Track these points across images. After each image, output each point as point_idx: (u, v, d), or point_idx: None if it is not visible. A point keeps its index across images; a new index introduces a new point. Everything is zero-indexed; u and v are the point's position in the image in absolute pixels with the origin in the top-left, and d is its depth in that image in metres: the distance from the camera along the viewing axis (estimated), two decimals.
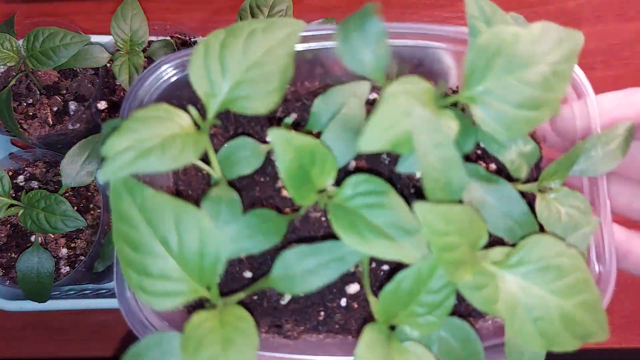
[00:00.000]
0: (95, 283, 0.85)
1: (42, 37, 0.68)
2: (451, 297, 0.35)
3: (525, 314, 0.35)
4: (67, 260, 0.72)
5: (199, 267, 0.34)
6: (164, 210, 0.34)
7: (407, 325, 0.36)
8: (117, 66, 0.68)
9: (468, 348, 0.38)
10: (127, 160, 0.32)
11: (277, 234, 0.38)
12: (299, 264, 0.37)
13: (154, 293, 0.34)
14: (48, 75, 0.77)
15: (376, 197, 0.36)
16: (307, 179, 0.36)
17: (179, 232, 0.34)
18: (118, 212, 0.34)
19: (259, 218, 0.38)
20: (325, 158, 0.36)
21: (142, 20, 0.70)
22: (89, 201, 0.73)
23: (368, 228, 0.34)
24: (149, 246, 0.34)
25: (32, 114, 0.75)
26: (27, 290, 0.64)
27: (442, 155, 0.34)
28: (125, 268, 0.34)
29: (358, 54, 0.37)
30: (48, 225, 0.61)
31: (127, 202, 0.34)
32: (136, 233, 0.34)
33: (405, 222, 0.35)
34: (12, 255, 0.72)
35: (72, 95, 0.76)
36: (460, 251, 0.33)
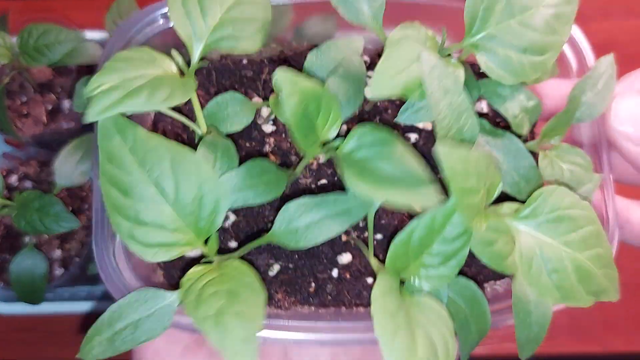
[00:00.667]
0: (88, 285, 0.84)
1: (36, 34, 0.67)
2: (466, 247, 0.33)
3: (540, 265, 0.34)
4: (61, 261, 0.71)
5: (197, 217, 0.32)
6: (159, 153, 0.32)
7: (418, 278, 0.34)
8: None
9: (475, 309, 0.38)
10: (114, 99, 0.31)
11: (278, 186, 0.37)
12: (303, 216, 0.35)
13: (147, 244, 0.32)
14: (42, 73, 0.76)
15: (383, 147, 0.34)
16: (312, 127, 0.34)
17: (176, 177, 0.32)
18: (106, 152, 0.31)
19: (259, 168, 0.37)
20: (330, 105, 0.34)
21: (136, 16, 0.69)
22: (83, 201, 0.73)
23: (378, 178, 0.32)
24: (142, 191, 0.32)
25: (26, 112, 0.74)
26: (20, 292, 0.63)
27: (452, 102, 0.33)
28: (113, 215, 0.31)
29: (355, 3, 0.37)
30: (42, 226, 0.60)
31: (117, 142, 0.31)
32: (127, 176, 0.32)
33: (415, 171, 0.33)
34: (5, 256, 0.71)
35: (66, 93, 0.76)
36: (480, 196, 0.32)
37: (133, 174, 0.31)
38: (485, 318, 0.38)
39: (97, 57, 0.69)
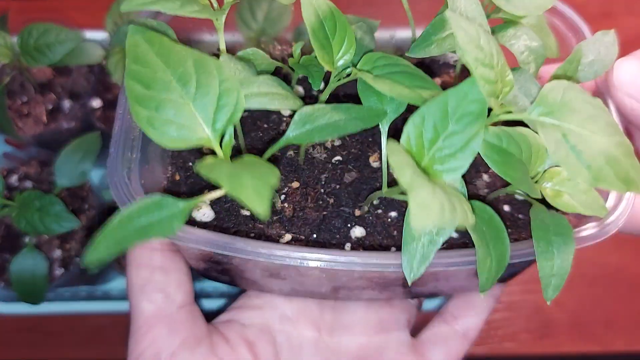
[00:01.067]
0: (88, 285, 0.84)
1: (36, 34, 0.67)
2: (480, 134, 0.33)
3: (567, 149, 0.33)
4: (62, 261, 0.71)
5: (215, 114, 0.34)
6: (183, 55, 0.34)
7: (433, 170, 0.34)
8: (111, 63, 0.67)
9: (493, 233, 0.38)
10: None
11: (293, 100, 0.39)
12: (318, 119, 0.37)
13: (164, 132, 0.33)
14: (43, 73, 0.76)
15: (395, 67, 0.38)
16: (328, 43, 0.37)
17: (198, 76, 0.34)
18: (133, 54, 0.33)
19: (277, 82, 0.39)
20: (346, 29, 0.38)
21: (137, 16, 0.69)
22: (83, 202, 0.73)
23: (392, 84, 0.36)
24: (165, 86, 0.33)
25: (27, 112, 0.74)
26: (21, 292, 0.63)
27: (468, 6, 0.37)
28: (134, 106, 0.33)
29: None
30: (42, 226, 0.60)
31: (144, 46, 0.33)
32: (152, 73, 0.33)
33: (426, 82, 0.37)
34: (6, 256, 0.71)
35: (66, 93, 0.76)
36: (494, 72, 0.32)
37: (157, 72, 0.33)
38: (504, 244, 0.38)
39: (97, 56, 0.69)
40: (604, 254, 0.92)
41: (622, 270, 0.92)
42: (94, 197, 0.73)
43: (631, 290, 0.90)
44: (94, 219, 0.72)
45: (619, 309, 0.90)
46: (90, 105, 0.74)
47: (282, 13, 0.66)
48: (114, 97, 0.75)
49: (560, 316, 0.88)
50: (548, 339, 0.87)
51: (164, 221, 0.32)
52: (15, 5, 0.76)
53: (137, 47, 0.33)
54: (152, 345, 0.46)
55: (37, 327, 0.87)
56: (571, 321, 0.88)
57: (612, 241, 0.72)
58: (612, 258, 0.92)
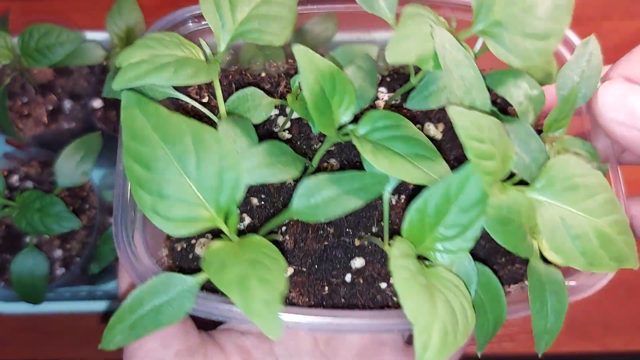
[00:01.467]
0: (89, 285, 0.84)
1: (37, 35, 0.67)
2: (482, 217, 0.33)
3: (564, 232, 0.35)
4: (62, 261, 0.71)
5: (217, 192, 0.33)
6: (180, 129, 0.33)
7: (435, 252, 0.35)
8: (112, 64, 0.68)
9: (491, 295, 0.38)
10: (142, 71, 0.33)
11: (296, 167, 0.38)
12: (322, 192, 0.36)
13: (169, 217, 0.32)
14: (43, 74, 0.76)
15: (395, 131, 0.36)
16: (327, 106, 0.36)
17: (197, 152, 0.33)
18: (130, 129, 0.32)
19: (278, 149, 0.38)
20: (345, 87, 0.36)
21: (138, 16, 0.69)
22: (84, 202, 0.73)
23: (393, 155, 0.35)
24: (164, 166, 0.33)
25: (27, 112, 0.75)
26: (21, 292, 0.64)
27: (464, 75, 0.35)
28: (136, 189, 0.32)
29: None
30: (42, 226, 0.61)
31: (140, 120, 0.32)
32: (150, 151, 0.32)
33: (426, 150, 0.36)
34: (6, 256, 0.72)
35: (67, 94, 0.76)
36: (495, 162, 0.33)
37: (156, 150, 0.32)
38: (502, 305, 0.38)
39: (98, 57, 0.69)
40: None
41: (620, 272, 0.91)
42: (94, 197, 0.73)
43: (629, 292, 0.90)
44: (95, 218, 0.72)
45: (618, 310, 0.90)
46: (91, 105, 0.75)
47: None
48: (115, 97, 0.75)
49: None
50: None
51: (175, 301, 0.33)
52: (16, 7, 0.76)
53: (133, 121, 0.32)
54: (145, 358, 0.47)
55: (37, 327, 0.87)
56: (570, 322, 0.87)
57: None
58: None
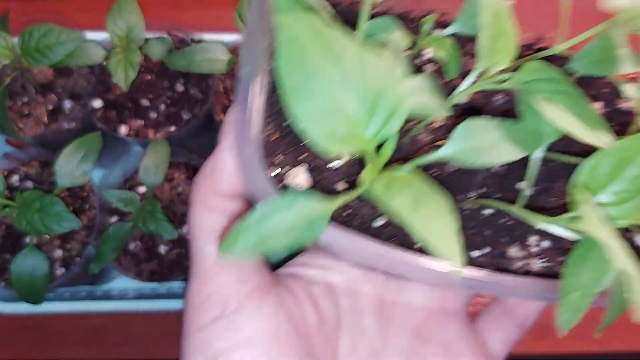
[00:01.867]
0: (89, 285, 0.84)
1: (37, 35, 0.67)
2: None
3: None
4: (62, 261, 0.71)
5: (375, 116, 0.31)
6: (340, 45, 0.30)
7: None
8: (112, 64, 0.67)
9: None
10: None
11: (445, 106, 0.36)
12: (482, 136, 0.35)
13: (325, 134, 0.30)
14: (43, 74, 0.76)
15: (559, 85, 0.35)
16: (502, 32, 0.35)
17: (358, 70, 0.31)
18: (289, 36, 0.30)
19: (429, 83, 0.36)
20: (510, 35, 0.35)
21: (138, 16, 0.69)
22: (84, 202, 0.73)
23: (559, 110, 0.33)
24: (326, 76, 0.30)
25: (27, 112, 0.75)
26: (21, 292, 0.63)
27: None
28: (292, 98, 0.29)
29: None
30: (43, 226, 0.60)
31: (300, 27, 0.30)
32: (311, 60, 0.30)
33: (591, 116, 0.34)
34: (6, 256, 0.72)
35: (67, 94, 0.76)
36: None
37: (315, 64, 0.30)
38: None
39: (98, 57, 0.69)
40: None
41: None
42: (94, 197, 0.73)
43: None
44: (95, 218, 0.72)
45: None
46: (91, 105, 0.75)
47: None
48: (115, 97, 0.75)
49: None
50: (546, 339, 0.87)
51: (306, 225, 0.31)
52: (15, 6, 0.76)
53: (290, 28, 0.30)
54: (219, 290, 0.45)
55: (37, 327, 0.87)
56: None
57: None
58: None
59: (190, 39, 0.78)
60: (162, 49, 0.71)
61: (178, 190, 0.75)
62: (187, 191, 0.75)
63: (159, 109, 0.75)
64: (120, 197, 0.66)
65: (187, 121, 0.74)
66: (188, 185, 0.75)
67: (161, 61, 0.76)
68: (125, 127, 0.74)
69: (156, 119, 0.75)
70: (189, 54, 0.67)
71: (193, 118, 0.74)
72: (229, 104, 0.75)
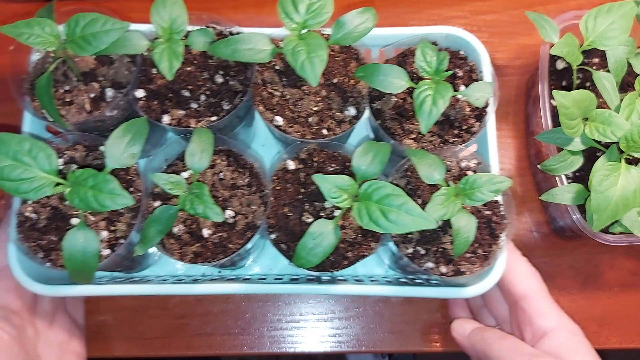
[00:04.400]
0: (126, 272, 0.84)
1: (82, 23, 0.68)
2: None
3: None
4: (107, 242, 0.71)
5: None
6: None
7: None
8: (157, 53, 0.68)
9: None
10: None
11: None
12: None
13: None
14: (85, 62, 0.77)
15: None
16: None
17: None
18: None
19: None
20: None
21: (181, 8, 0.70)
22: (129, 185, 0.73)
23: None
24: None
25: (69, 100, 0.75)
26: (72, 270, 0.63)
27: None
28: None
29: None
30: (96, 202, 0.60)
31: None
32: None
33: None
34: (51, 237, 0.71)
35: (108, 82, 0.76)
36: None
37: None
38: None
39: (142, 47, 0.69)
40: (597, 254, 0.94)
41: (615, 270, 0.94)
42: (139, 181, 0.73)
43: (624, 289, 0.93)
44: (140, 201, 0.72)
45: (613, 307, 0.92)
46: (134, 95, 0.75)
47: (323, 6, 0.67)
48: (157, 87, 0.76)
49: None
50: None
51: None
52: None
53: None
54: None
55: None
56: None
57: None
58: (604, 257, 0.94)
59: (228, 32, 0.79)
60: (204, 40, 0.72)
61: (220, 176, 0.75)
62: (228, 177, 0.75)
63: (200, 100, 0.75)
64: (168, 180, 0.67)
65: (227, 111, 0.75)
66: (229, 171, 0.75)
67: (201, 53, 0.77)
68: (167, 116, 0.74)
69: (197, 109, 0.75)
70: (233, 43, 0.68)
71: (233, 108, 0.75)
72: (267, 95, 0.76)
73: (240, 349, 0.87)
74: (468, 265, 0.73)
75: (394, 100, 0.77)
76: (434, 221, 0.60)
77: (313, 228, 0.64)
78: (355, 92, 0.77)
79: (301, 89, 0.76)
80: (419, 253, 0.73)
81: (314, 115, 0.75)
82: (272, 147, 0.96)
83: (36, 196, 0.60)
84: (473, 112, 0.78)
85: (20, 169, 0.60)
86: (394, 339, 0.89)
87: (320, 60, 0.64)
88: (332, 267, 0.72)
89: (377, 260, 0.89)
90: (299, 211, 0.74)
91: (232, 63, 0.77)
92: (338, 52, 0.79)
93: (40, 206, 0.73)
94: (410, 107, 0.76)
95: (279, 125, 0.74)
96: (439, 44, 0.83)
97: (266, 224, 0.73)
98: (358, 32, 0.69)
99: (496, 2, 1.07)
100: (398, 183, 0.75)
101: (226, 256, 0.70)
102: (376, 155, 0.67)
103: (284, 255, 0.72)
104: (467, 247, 0.67)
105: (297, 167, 0.76)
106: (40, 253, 0.71)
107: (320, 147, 0.77)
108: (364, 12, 0.69)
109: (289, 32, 0.67)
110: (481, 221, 0.74)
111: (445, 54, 0.71)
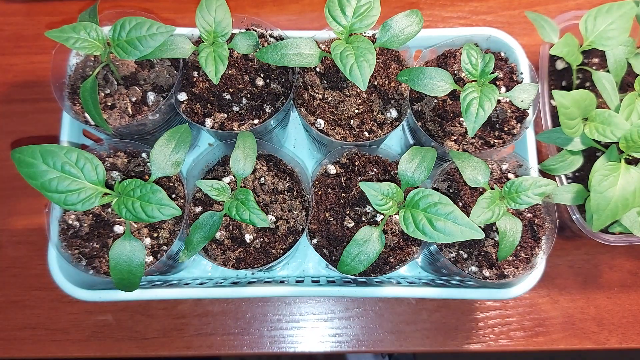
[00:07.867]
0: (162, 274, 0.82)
1: (128, 27, 0.65)
2: None
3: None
4: (150, 249, 0.69)
5: None
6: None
7: None
8: (203, 57, 0.65)
9: None
10: None
11: None
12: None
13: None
14: (126, 66, 0.74)
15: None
16: None
17: None
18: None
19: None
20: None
21: (225, 12, 0.67)
22: (171, 191, 0.70)
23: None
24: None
25: (111, 104, 0.72)
26: (117, 279, 0.61)
27: None
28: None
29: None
30: (144, 213, 0.58)
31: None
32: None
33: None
34: (94, 245, 0.69)
35: (150, 86, 0.73)
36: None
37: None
38: None
39: (186, 51, 0.66)
40: (596, 254, 0.93)
41: (615, 270, 0.92)
42: (182, 187, 0.71)
43: (624, 289, 0.91)
44: (183, 208, 0.69)
45: (613, 307, 0.91)
46: (177, 98, 0.72)
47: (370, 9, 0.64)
48: (199, 91, 0.73)
49: (554, 315, 0.89)
50: (542, 336, 0.88)
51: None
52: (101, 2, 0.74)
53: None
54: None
55: (42, 325, 0.86)
56: (565, 320, 0.89)
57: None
58: (604, 257, 0.93)
59: (269, 34, 0.76)
60: (248, 44, 0.69)
61: (261, 181, 0.72)
62: (269, 182, 0.72)
63: (241, 103, 0.72)
64: (213, 187, 0.64)
65: (269, 114, 0.72)
66: (270, 176, 0.72)
67: (242, 55, 0.74)
68: (210, 119, 0.71)
69: (239, 112, 0.72)
70: (280, 48, 0.65)
71: (275, 111, 0.72)
72: (309, 97, 0.73)
73: (240, 349, 0.86)
74: (511, 269, 0.71)
75: (434, 102, 0.75)
76: (482, 231, 0.58)
77: (358, 235, 0.62)
78: (397, 94, 0.74)
79: (342, 91, 0.73)
80: (462, 257, 0.72)
81: (355, 117, 0.72)
82: (302, 148, 0.93)
83: (84, 207, 0.57)
84: (514, 113, 0.75)
85: (68, 180, 0.57)
86: (394, 339, 0.88)
87: (368, 65, 0.61)
88: (374, 272, 0.70)
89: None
90: (341, 216, 0.71)
91: (273, 66, 0.74)
92: (379, 54, 0.76)
93: (83, 214, 0.70)
94: (450, 109, 0.74)
95: (321, 127, 0.72)
96: (480, 45, 0.80)
97: (308, 229, 0.71)
98: (405, 36, 0.66)
99: (496, 2, 1.05)
100: (440, 187, 0.73)
101: (268, 261, 0.68)
102: (422, 161, 0.65)
103: (326, 260, 0.70)
104: (512, 250, 0.65)
105: (337, 172, 0.74)
106: (83, 260, 0.69)
107: (360, 150, 0.74)
108: (410, 14, 0.66)
109: (333, 35, 0.64)
110: (523, 224, 0.72)
111: (490, 56, 0.68)
